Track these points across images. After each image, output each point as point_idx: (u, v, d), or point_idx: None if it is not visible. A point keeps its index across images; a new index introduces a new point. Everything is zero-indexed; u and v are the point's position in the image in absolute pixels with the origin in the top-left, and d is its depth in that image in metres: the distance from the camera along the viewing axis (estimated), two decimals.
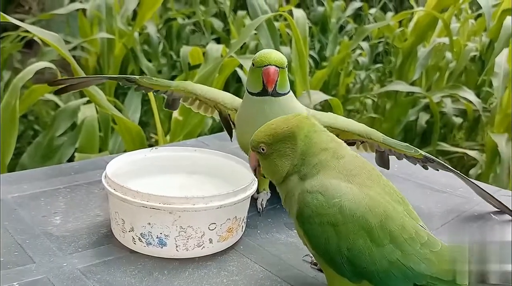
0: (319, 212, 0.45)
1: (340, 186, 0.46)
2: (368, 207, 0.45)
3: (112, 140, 1.68)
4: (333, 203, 0.45)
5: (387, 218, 0.45)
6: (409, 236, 0.44)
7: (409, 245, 0.44)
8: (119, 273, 0.53)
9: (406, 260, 0.44)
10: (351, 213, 0.44)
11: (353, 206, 0.45)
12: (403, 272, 0.44)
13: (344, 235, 0.44)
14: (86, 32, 2.18)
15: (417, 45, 2.45)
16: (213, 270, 0.56)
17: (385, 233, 0.44)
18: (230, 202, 0.56)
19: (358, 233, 0.44)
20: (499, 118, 1.99)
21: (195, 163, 0.70)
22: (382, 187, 0.47)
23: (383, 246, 0.44)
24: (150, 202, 0.54)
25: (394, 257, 0.44)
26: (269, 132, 0.49)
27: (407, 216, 0.46)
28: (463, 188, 0.81)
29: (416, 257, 0.44)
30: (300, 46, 1.58)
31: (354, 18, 3.50)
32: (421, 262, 0.44)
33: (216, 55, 1.78)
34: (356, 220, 0.44)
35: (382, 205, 0.45)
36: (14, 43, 2.11)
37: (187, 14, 2.98)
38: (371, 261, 0.44)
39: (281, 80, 0.64)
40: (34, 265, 0.54)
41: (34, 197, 0.70)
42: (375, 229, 0.44)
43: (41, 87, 1.48)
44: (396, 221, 0.45)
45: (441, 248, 0.45)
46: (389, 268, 0.44)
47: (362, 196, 0.45)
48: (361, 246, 0.44)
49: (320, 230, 0.45)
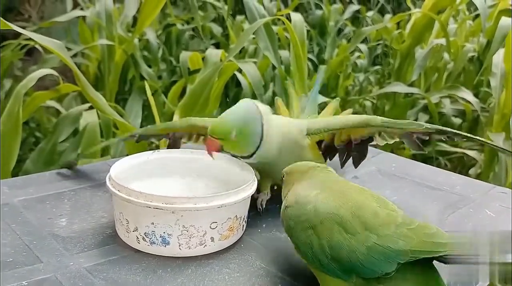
0: (299, 220, 0.49)
1: (312, 193, 0.51)
2: (340, 203, 0.48)
3: (114, 146, 1.70)
4: (308, 209, 0.49)
5: (358, 208, 0.47)
6: (382, 220, 0.46)
7: (383, 228, 0.46)
8: (124, 271, 0.55)
9: (383, 241, 0.45)
10: (325, 211, 0.48)
11: (326, 205, 0.48)
12: (382, 253, 0.44)
13: (323, 234, 0.47)
14: (87, 39, 2.21)
15: (415, 47, 2.47)
16: (215, 267, 0.57)
17: (358, 222, 0.46)
18: (231, 201, 0.58)
19: (333, 228, 0.47)
20: (497, 118, 2.01)
21: (197, 165, 0.71)
22: (354, 189, 0.51)
23: (358, 234, 0.46)
24: (154, 202, 0.56)
25: (371, 241, 0.45)
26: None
27: (380, 207, 0.48)
28: (459, 186, 0.83)
29: (392, 237, 0.45)
30: (298, 50, 1.60)
31: (352, 21, 3.52)
32: (399, 240, 0.45)
33: (215, 60, 1.80)
34: (330, 217, 0.47)
35: (353, 199, 0.48)
36: (15, 52, 2.13)
37: (186, 20, 3.00)
38: (351, 252, 0.45)
39: (234, 146, 0.64)
40: (42, 264, 0.56)
41: (40, 200, 0.71)
42: (348, 221, 0.46)
43: (43, 94, 1.50)
44: (369, 209, 0.47)
45: (418, 225, 0.46)
46: (369, 253, 0.45)
47: (334, 196, 0.49)
48: (339, 240, 0.46)
49: (303, 236, 0.49)
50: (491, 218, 0.72)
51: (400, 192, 0.81)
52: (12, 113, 1.28)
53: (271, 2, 2.95)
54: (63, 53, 1.09)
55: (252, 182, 0.63)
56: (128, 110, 1.90)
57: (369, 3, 3.86)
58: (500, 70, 2.00)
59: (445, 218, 0.72)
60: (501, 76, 2.00)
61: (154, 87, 2.12)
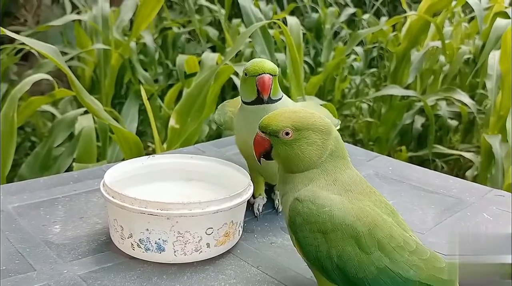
0: (310, 220, 0.47)
1: (330, 196, 0.48)
2: (357, 216, 0.46)
3: (110, 150, 1.69)
4: (323, 212, 0.46)
5: (375, 227, 0.46)
6: (397, 244, 0.45)
7: (397, 253, 0.45)
8: (118, 279, 0.55)
9: (395, 266, 0.45)
10: (340, 221, 0.46)
11: (342, 214, 0.46)
12: (391, 278, 0.44)
13: (334, 242, 0.46)
14: (83, 43, 2.20)
15: (411, 49, 2.48)
16: (211, 274, 0.57)
17: (373, 241, 0.45)
18: (226, 207, 0.57)
19: (346, 240, 0.45)
20: (493, 120, 2.01)
21: (193, 169, 0.71)
22: (373, 201, 0.49)
23: (371, 254, 0.45)
24: (148, 208, 0.55)
25: (383, 264, 0.45)
26: (296, 119, 0.49)
27: (396, 226, 0.47)
28: (456, 189, 0.83)
29: (404, 264, 0.45)
30: (294, 53, 1.60)
31: (348, 24, 3.52)
32: (410, 269, 0.45)
33: (211, 64, 1.80)
34: (345, 228, 0.45)
35: (370, 215, 0.47)
36: (11, 56, 2.13)
37: (182, 23, 3.00)
38: (360, 268, 0.45)
39: (274, 87, 0.66)
40: (35, 272, 0.55)
41: (34, 207, 0.71)
42: (363, 237, 0.45)
43: (38, 99, 1.50)
44: (385, 230, 0.46)
45: (429, 256, 0.46)
46: (378, 275, 0.45)
47: (352, 206, 0.47)
48: (350, 253, 0.45)
49: (311, 238, 0.47)
50: (489, 221, 0.72)
51: (397, 195, 0.80)
52: (7, 117, 1.27)
53: (267, 5, 2.95)
54: (57, 58, 1.08)
55: (248, 187, 0.62)
56: (125, 114, 1.90)
57: (365, 6, 3.87)
58: (496, 72, 2.01)
59: (442, 221, 0.72)
60: (497, 78, 2.00)
61: (150, 91, 2.12)
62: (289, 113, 0.50)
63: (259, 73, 0.64)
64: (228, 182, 0.67)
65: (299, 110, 0.50)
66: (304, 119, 0.49)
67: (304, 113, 0.50)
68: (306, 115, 0.50)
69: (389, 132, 2.43)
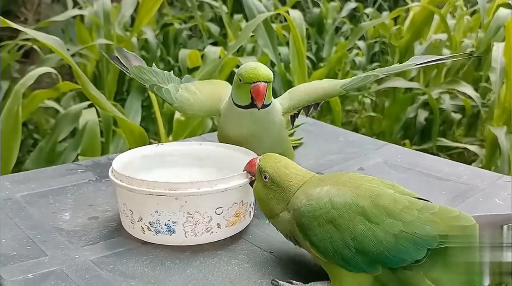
0: (315, 214, 0.47)
1: (323, 188, 0.49)
2: (356, 194, 0.47)
3: (114, 144, 1.68)
4: (324, 203, 0.47)
5: (377, 196, 0.46)
6: (403, 206, 0.45)
7: (406, 213, 0.45)
8: (131, 263, 0.54)
9: (409, 228, 0.44)
10: (343, 204, 0.46)
11: (342, 198, 0.47)
12: (411, 240, 0.43)
13: (344, 226, 0.45)
14: (84, 39, 2.19)
15: (414, 42, 2.47)
16: (224, 258, 0.56)
17: (379, 209, 0.45)
18: (235, 185, 0.57)
19: (355, 219, 0.45)
20: (498, 112, 2.00)
21: (203, 155, 0.70)
22: (367, 180, 0.49)
23: (382, 222, 0.44)
24: (156, 189, 0.55)
25: (397, 229, 0.44)
26: (279, 172, 0.53)
27: (398, 194, 0.47)
28: (466, 176, 0.82)
29: (418, 222, 0.44)
30: (299, 44, 1.59)
31: (350, 18, 3.51)
32: (425, 225, 0.44)
33: (214, 57, 1.79)
34: (349, 208, 0.46)
35: (369, 189, 0.47)
36: (12, 53, 2.12)
37: (184, 19, 2.99)
38: (377, 241, 0.44)
39: (268, 93, 0.65)
40: (47, 257, 0.54)
41: (42, 195, 0.70)
42: (369, 209, 0.45)
43: (42, 92, 1.49)
44: (387, 196, 0.46)
45: (440, 209, 0.45)
46: (397, 242, 0.44)
47: (347, 188, 0.48)
48: (363, 231, 0.45)
49: (322, 232, 0.47)
50: (501, 206, 0.71)
51: (407, 182, 0.79)
52: (12, 112, 1.27)
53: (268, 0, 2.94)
54: (63, 51, 1.07)
55: None
56: (128, 109, 1.89)
57: (366, 1, 3.86)
58: (500, 64, 2.00)
59: (455, 206, 0.71)
60: (501, 70, 1.99)
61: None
62: (279, 163, 0.53)
63: (254, 81, 0.63)
64: (238, 165, 0.67)
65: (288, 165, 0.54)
66: (284, 175, 0.52)
67: (289, 170, 0.53)
68: (290, 175, 0.52)
69: (393, 126, 2.42)
